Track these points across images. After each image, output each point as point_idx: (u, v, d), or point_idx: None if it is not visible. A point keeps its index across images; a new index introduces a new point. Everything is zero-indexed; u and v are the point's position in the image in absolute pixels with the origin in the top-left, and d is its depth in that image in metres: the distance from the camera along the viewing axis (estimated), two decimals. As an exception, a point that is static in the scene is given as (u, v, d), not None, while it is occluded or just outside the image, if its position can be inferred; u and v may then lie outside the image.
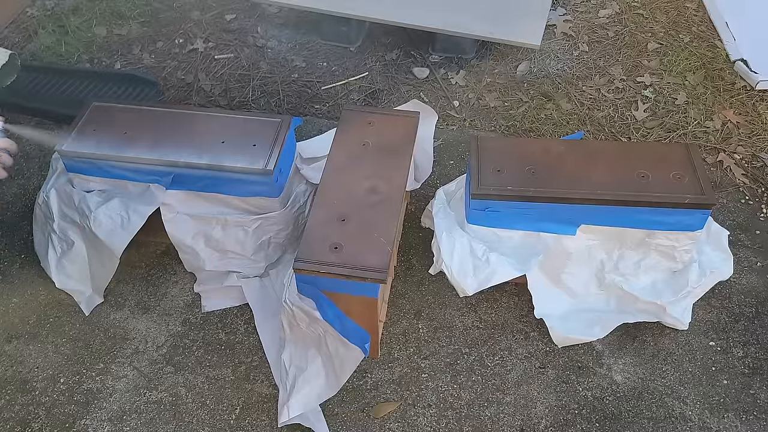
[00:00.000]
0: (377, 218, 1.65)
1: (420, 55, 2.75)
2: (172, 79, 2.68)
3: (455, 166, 2.31)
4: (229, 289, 1.92)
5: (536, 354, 1.82)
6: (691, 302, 1.83)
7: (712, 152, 2.35)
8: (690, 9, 2.92)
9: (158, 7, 3.01)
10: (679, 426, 1.68)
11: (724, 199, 2.20)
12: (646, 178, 1.74)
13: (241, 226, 1.85)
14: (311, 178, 1.99)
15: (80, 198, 1.87)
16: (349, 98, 2.59)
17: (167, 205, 1.82)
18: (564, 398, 1.73)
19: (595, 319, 1.84)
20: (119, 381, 1.78)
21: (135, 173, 1.83)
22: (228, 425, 1.69)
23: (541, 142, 2.17)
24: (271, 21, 2.93)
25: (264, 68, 2.72)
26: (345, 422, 1.69)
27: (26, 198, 2.21)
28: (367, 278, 1.54)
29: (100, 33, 2.88)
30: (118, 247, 1.82)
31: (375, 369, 1.79)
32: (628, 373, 1.78)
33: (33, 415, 1.72)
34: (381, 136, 1.86)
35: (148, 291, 1.98)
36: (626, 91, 2.57)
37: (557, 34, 2.82)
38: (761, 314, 1.90)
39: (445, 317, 1.90)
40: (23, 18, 2.96)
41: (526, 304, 1.90)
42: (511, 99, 2.57)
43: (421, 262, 2.03)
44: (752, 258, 2.03)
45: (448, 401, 1.73)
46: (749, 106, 2.49)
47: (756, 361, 1.80)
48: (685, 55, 2.69)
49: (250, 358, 1.82)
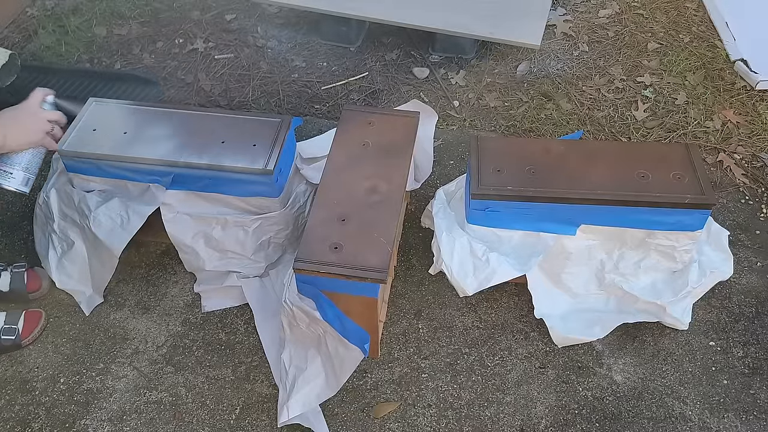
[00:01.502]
0: (377, 218, 1.65)
1: (420, 55, 2.75)
2: (172, 79, 2.68)
3: (455, 166, 2.31)
4: (229, 289, 1.92)
5: (536, 354, 1.82)
6: (691, 302, 1.83)
7: (712, 152, 2.35)
8: (690, 9, 2.92)
9: (158, 7, 3.01)
10: (679, 426, 1.68)
11: (724, 199, 2.20)
12: (646, 178, 1.74)
13: (241, 226, 1.85)
14: (311, 178, 1.99)
15: (80, 198, 1.87)
16: (349, 98, 2.59)
17: (167, 205, 1.82)
18: (564, 398, 1.73)
19: (595, 319, 1.84)
20: (119, 381, 1.78)
21: (135, 173, 1.83)
22: (228, 425, 1.69)
23: (541, 142, 2.17)
24: (271, 21, 2.93)
25: (264, 68, 2.72)
26: (345, 422, 1.69)
27: (26, 198, 2.21)
28: (367, 278, 1.54)
29: (100, 33, 2.88)
30: (118, 247, 1.82)
31: (375, 369, 1.79)
32: (628, 373, 1.78)
33: (33, 415, 1.72)
34: (381, 136, 1.86)
35: (148, 291, 1.98)
36: (626, 91, 2.57)
37: (557, 34, 2.82)
38: (761, 314, 1.90)
39: (445, 317, 1.90)
40: (23, 18, 2.96)
41: (526, 304, 1.90)
42: (511, 99, 2.57)
43: (421, 262, 2.03)
44: (752, 258, 2.03)
45: (448, 401, 1.73)
46: (749, 106, 2.49)
47: (756, 361, 1.80)
48: (685, 55, 2.69)
49: (250, 358, 1.82)
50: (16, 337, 1.80)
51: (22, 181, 1.57)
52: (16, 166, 1.54)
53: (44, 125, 1.51)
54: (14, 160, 1.55)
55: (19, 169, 1.55)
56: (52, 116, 1.52)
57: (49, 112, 1.52)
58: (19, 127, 1.46)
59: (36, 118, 1.50)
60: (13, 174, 1.55)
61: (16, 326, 1.81)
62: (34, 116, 1.50)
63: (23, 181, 1.57)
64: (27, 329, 1.83)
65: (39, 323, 1.85)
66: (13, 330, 1.81)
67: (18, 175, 1.56)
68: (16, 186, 1.58)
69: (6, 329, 1.80)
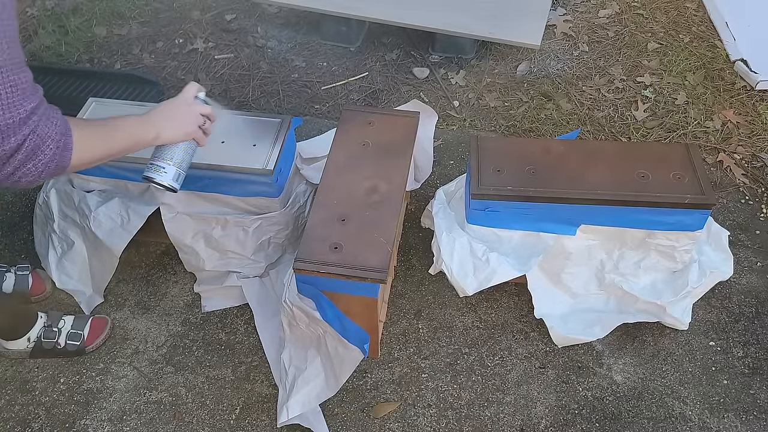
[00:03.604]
0: (377, 218, 1.65)
1: (420, 55, 2.75)
2: (172, 79, 2.68)
3: (455, 166, 2.31)
4: (229, 289, 1.92)
5: (536, 354, 1.82)
6: (691, 302, 1.83)
7: (712, 152, 2.35)
8: (690, 9, 2.92)
9: (158, 7, 3.01)
10: (679, 426, 1.68)
11: (724, 199, 2.20)
12: (646, 178, 1.74)
13: (241, 226, 1.85)
14: (311, 178, 1.99)
15: (80, 198, 1.87)
16: (349, 98, 2.59)
17: (167, 205, 1.82)
18: (564, 398, 1.73)
19: (595, 319, 1.84)
20: (119, 381, 1.78)
21: (135, 173, 1.83)
22: (228, 425, 1.69)
23: (541, 142, 2.17)
24: (271, 21, 2.93)
25: (264, 68, 2.72)
26: (345, 422, 1.69)
27: (26, 198, 2.21)
28: (367, 278, 1.54)
29: (100, 33, 2.88)
30: (118, 246, 1.82)
31: (375, 369, 1.79)
32: (628, 373, 1.78)
33: (33, 415, 1.72)
34: (381, 136, 1.86)
35: (148, 291, 1.98)
36: (626, 91, 2.57)
37: (557, 34, 2.82)
38: (761, 314, 1.90)
39: (445, 317, 1.90)
40: (23, 18, 2.96)
41: (526, 304, 1.90)
42: (511, 99, 2.57)
43: (421, 262, 2.03)
44: (752, 258, 2.03)
45: (448, 401, 1.73)
46: (749, 106, 2.49)
47: (756, 361, 1.80)
48: (685, 55, 2.69)
49: (250, 358, 1.82)
50: (81, 343, 1.81)
51: (174, 176, 1.49)
52: (169, 160, 1.47)
53: (198, 119, 1.49)
54: (167, 154, 1.49)
55: (172, 164, 1.48)
56: (205, 110, 1.51)
57: (202, 107, 1.51)
58: (174, 120, 1.45)
59: (190, 110, 1.49)
60: (165, 169, 1.47)
61: (82, 332, 1.81)
62: (188, 109, 1.49)
63: (175, 176, 1.49)
64: (92, 336, 1.83)
65: (104, 331, 1.85)
66: (79, 336, 1.81)
67: (170, 170, 1.49)
68: (168, 181, 1.50)
69: (72, 334, 1.80)
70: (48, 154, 1.15)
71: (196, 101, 1.52)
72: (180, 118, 1.47)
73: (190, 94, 1.51)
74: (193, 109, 1.50)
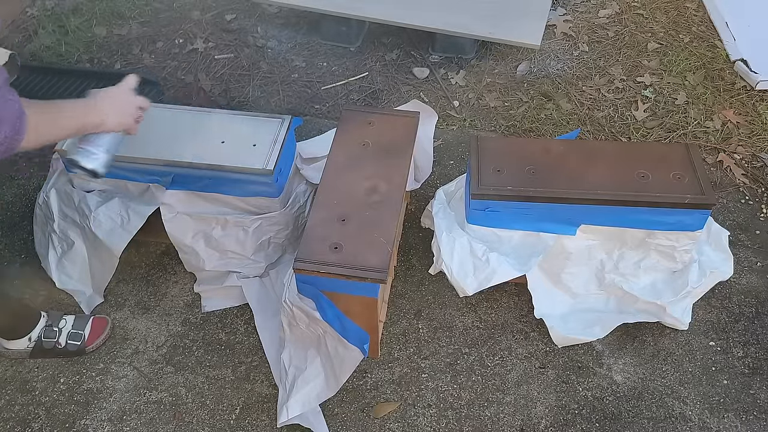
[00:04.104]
0: (377, 218, 1.65)
1: (420, 55, 2.75)
2: (172, 79, 2.68)
3: (455, 166, 2.31)
4: (229, 289, 1.92)
5: (536, 354, 1.82)
6: (691, 302, 1.83)
7: (712, 152, 2.35)
8: (690, 9, 2.92)
9: (158, 7, 3.01)
10: (679, 426, 1.68)
11: (724, 199, 2.20)
12: (646, 178, 1.74)
13: (241, 226, 1.85)
14: (311, 178, 1.99)
15: (80, 198, 1.87)
16: (349, 98, 2.59)
17: (167, 205, 1.82)
18: (564, 398, 1.73)
19: (595, 319, 1.84)
20: (119, 381, 1.78)
21: (135, 173, 1.83)
22: (228, 425, 1.69)
23: (541, 142, 2.17)
24: (271, 21, 2.93)
25: (264, 68, 2.72)
26: (345, 422, 1.69)
27: (26, 198, 2.21)
28: (367, 278, 1.54)
29: (100, 33, 2.88)
30: (118, 246, 1.82)
31: (375, 369, 1.79)
32: (628, 373, 1.78)
33: (33, 415, 1.72)
34: (381, 136, 1.86)
35: (148, 291, 1.98)
36: (626, 91, 2.57)
37: (557, 34, 2.82)
38: (761, 314, 1.90)
39: (445, 317, 1.90)
40: (23, 18, 2.96)
41: (526, 304, 1.90)
42: (511, 99, 2.57)
43: (421, 262, 2.03)
44: (752, 258, 2.03)
45: (448, 401, 1.73)
46: (749, 106, 2.49)
47: (756, 361, 1.80)
48: (685, 55, 2.69)
49: (250, 358, 1.82)
50: (82, 343, 1.81)
51: (103, 163, 1.55)
52: (101, 147, 1.53)
53: (136, 111, 1.53)
54: (100, 141, 1.53)
55: (104, 151, 1.53)
56: (144, 103, 1.55)
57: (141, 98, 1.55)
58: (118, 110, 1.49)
59: (131, 101, 1.53)
60: (97, 155, 1.52)
61: (83, 332, 1.82)
62: (130, 99, 1.53)
63: (105, 163, 1.55)
64: (93, 336, 1.83)
65: (104, 331, 1.85)
66: (80, 336, 1.81)
67: (102, 156, 1.54)
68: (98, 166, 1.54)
69: (73, 334, 1.80)
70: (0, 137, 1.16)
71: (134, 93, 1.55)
72: (123, 108, 1.50)
73: (130, 86, 1.54)
74: (134, 100, 1.53)
